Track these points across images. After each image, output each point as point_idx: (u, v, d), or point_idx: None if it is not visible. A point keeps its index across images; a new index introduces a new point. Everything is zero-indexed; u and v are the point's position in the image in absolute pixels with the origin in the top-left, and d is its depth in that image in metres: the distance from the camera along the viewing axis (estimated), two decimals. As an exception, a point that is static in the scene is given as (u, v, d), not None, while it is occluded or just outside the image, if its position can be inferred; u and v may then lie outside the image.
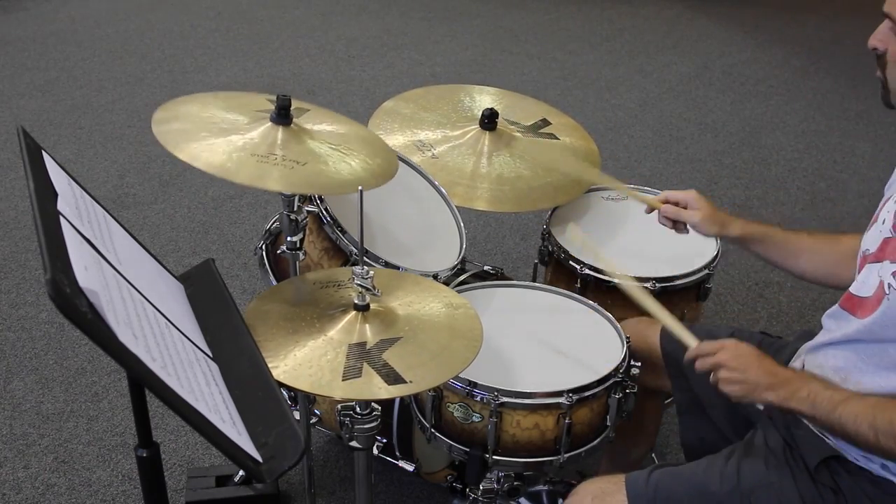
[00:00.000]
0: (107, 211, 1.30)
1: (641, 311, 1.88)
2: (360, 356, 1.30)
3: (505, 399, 1.53)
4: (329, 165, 1.55)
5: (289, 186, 1.50)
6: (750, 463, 1.41)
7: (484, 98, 2.28)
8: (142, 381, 1.03)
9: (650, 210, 1.81)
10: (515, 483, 1.73)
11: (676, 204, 1.73)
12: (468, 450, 1.59)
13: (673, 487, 1.42)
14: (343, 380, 1.25)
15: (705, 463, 1.45)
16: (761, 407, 1.36)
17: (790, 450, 1.40)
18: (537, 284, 1.87)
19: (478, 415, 1.56)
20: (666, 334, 1.74)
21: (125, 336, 0.97)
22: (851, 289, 1.42)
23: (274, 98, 1.61)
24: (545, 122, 2.23)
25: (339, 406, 1.41)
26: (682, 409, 1.75)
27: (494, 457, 1.58)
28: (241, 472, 2.13)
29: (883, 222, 1.38)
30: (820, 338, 1.48)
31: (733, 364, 1.36)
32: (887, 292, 1.30)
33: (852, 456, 1.34)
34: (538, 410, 1.54)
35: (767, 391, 1.32)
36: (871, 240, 1.41)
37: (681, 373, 1.72)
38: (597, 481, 1.49)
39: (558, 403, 1.53)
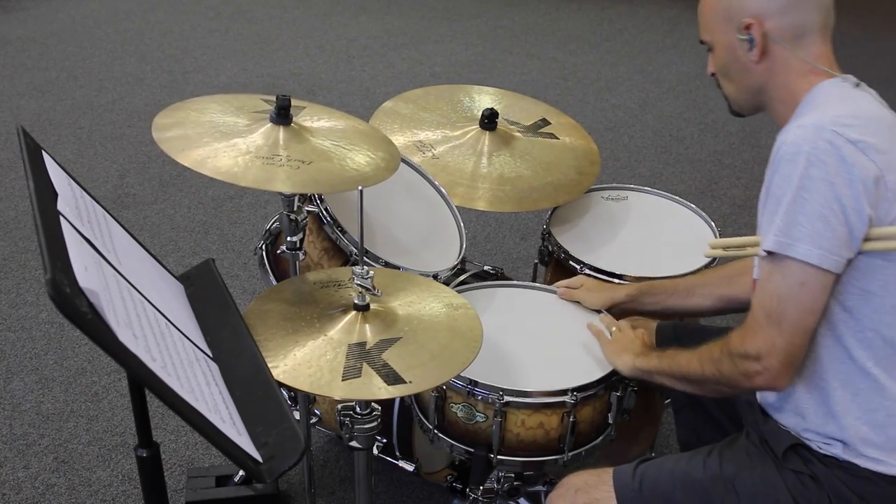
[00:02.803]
0: (107, 211, 1.30)
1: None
2: (360, 356, 1.30)
3: (509, 399, 1.53)
4: (334, 162, 1.55)
5: (296, 186, 1.50)
6: (732, 452, 1.45)
7: (483, 98, 2.28)
8: (142, 381, 1.03)
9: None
10: (515, 483, 1.73)
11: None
12: (472, 450, 1.59)
13: (658, 477, 1.45)
14: (343, 380, 1.25)
15: (689, 455, 1.50)
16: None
17: (766, 444, 1.44)
18: (537, 284, 1.87)
19: (482, 415, 1.56)
20: (661, 332, 1.75)
21: (125, 336, 0.97)
22: None
23: (269, 98, 1.60)
24: (545, 122, 2.23)
25: (339, 406, 1.40)
26: (678, 405, 1.76)
27: (499, 456, 1.58)
28: (241, 472, 2.13)
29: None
30: None
31: (623, 330, 1.65)
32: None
33: (815, 444, 1.38)
34: (542, 409, 1.54)
35: (628, 355, 1.57)
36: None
37: None
38: (582, 474, 1.51)
39: (563, 402, 1.53)
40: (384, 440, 1.90)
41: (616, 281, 1.86)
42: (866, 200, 1.23)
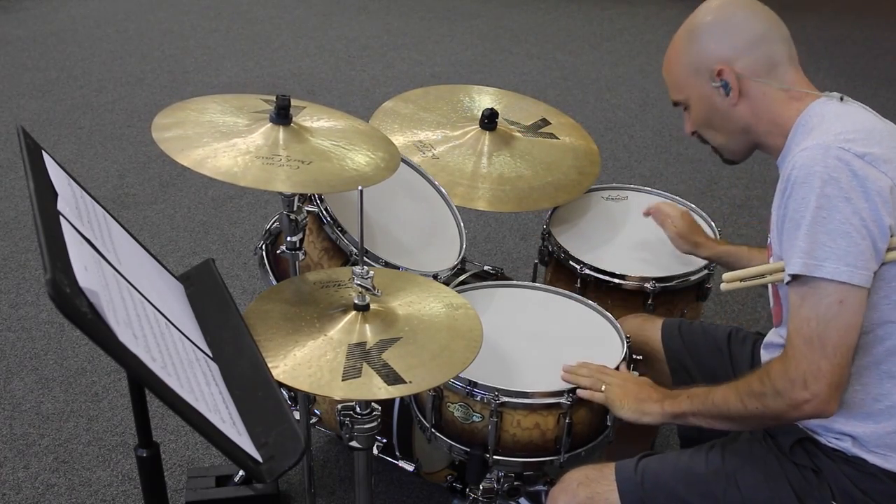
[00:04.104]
0: (107, 211, 1.30)
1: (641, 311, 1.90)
2: (360, 356, 1.30)
3: (505, 399, 1.53)
4: (334, 163, 1.55)
5: (296, 186, 1.50)
6: (734, 448, 1.46)
7: (483, 98, 2.28)
8: (142, 381, 1.03)
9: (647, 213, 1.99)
10: (515, 483, 1.73)
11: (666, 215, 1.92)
12: (468, 450, 1.59)
13: (660, 471, 1.46)
14: (343, 380, 1.25)
15: (691, 450, 1.50)
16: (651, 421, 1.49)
17: (771, 438, 1.44)
18: (537, 284, 1.87)
19: (478, 415, 1.56)
20: (667, 329, 1.75)
21: (125, 336, 0.97)
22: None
23: (269, 98, 1.60)
24: (545, 122, 2.23)
25: (339, 406, 1.41)
26: None
27: (495, 457, 1.58)
28: (241, 472, 2.13)
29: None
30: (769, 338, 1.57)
31: (619, 381, 1.53)
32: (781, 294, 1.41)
33: (824, 439, 1.38)
34: (538, 410, 1.54)
35: (654, 403, 1.47)
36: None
37: (682, 366, 1.73)
38: (583, 469, 1.51)
39: (559, 403, 1.53)
40: (384, 440, 1.90)
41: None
42: (885, 211, 1.23)
